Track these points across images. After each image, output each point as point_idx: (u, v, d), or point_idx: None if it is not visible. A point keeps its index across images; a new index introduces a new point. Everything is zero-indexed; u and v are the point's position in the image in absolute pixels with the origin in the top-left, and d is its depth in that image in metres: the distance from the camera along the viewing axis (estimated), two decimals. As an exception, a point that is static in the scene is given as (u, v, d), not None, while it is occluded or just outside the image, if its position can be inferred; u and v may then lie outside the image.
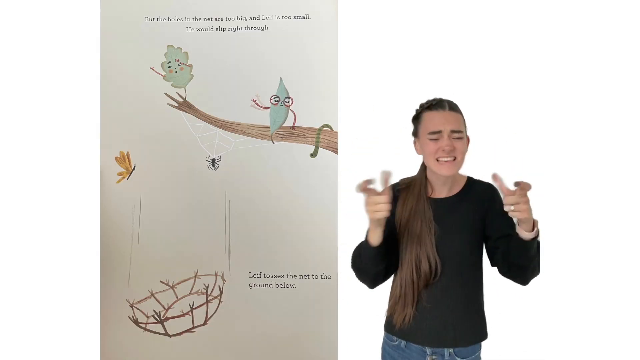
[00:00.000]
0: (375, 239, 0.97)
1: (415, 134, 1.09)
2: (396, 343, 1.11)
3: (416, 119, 1.09)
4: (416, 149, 1.09)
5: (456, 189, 1.09)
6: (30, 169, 0.97)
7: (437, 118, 1.03)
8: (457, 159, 1.02)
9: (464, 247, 1.05)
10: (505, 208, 0.92)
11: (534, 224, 0.94)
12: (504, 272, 1.05)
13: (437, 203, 1.08)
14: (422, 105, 1.08)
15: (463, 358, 1.07)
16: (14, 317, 0.93)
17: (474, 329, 1.09)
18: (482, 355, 1.10)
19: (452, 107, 1.05)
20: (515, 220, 0.95)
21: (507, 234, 1.00)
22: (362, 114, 1.28)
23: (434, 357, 1.07)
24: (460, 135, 1.02)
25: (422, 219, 1.05)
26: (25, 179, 0.96)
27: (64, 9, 1.06)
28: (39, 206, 0.96)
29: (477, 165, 1.12)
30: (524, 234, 0.94)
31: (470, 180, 1.11)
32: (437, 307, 1.06)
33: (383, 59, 1.28)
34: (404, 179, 1.13)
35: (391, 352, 1.12)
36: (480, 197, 1.08)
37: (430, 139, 1.02)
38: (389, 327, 1.12)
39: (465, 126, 1.07)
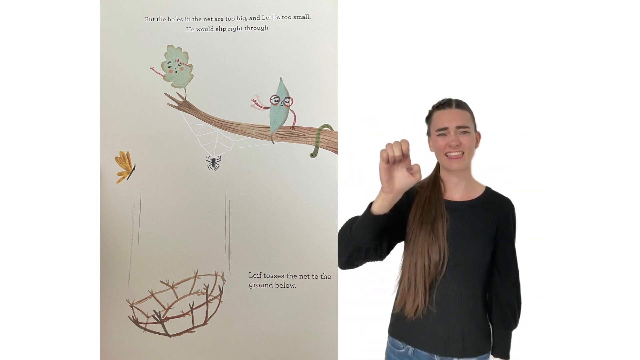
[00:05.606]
0: (384, 207, 0.95)
1: (428, 133, 1.15)
2: (402, 350, 1.10)
3: (428, 119, 1.15)
4: (430, 147, 1.15)
5: (473, 195, 1.10)
6: (30, 169, 0.97)
7: (444, 116, 1.10)
8: (464, 153, 1.07)
9: (477, 254, 1.05)
10: None
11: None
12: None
13: (452, 205, 1.08)
14: (433, 106, 1.15)
15: None
16: (15, 316, 0.93)
17: (482, 339, 1.08)
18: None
19: (459, 104, 1.11)
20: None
21: (499, 270, 1.07)
22: (362, 114, 1.28)
23: None
24: (466, 130, 1.07)
25: (437, 208, 1.06)
26: (25, 179, 0.96)
27: (64, 8, 1.07)
28: (40, 206, 0.97)
29: (480, 163, 1.12)
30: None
31: (488, 190, 1.12)
32: (447, 312, 1.05)
33: (383, 59, 1.28)
34: (419, 181, 1.15)
35: None
36: (498, 209, 1.09)
37: (438, 135, 1.09)
38: (396, 330, 1.11)
39: (474, 123, 1.12)
